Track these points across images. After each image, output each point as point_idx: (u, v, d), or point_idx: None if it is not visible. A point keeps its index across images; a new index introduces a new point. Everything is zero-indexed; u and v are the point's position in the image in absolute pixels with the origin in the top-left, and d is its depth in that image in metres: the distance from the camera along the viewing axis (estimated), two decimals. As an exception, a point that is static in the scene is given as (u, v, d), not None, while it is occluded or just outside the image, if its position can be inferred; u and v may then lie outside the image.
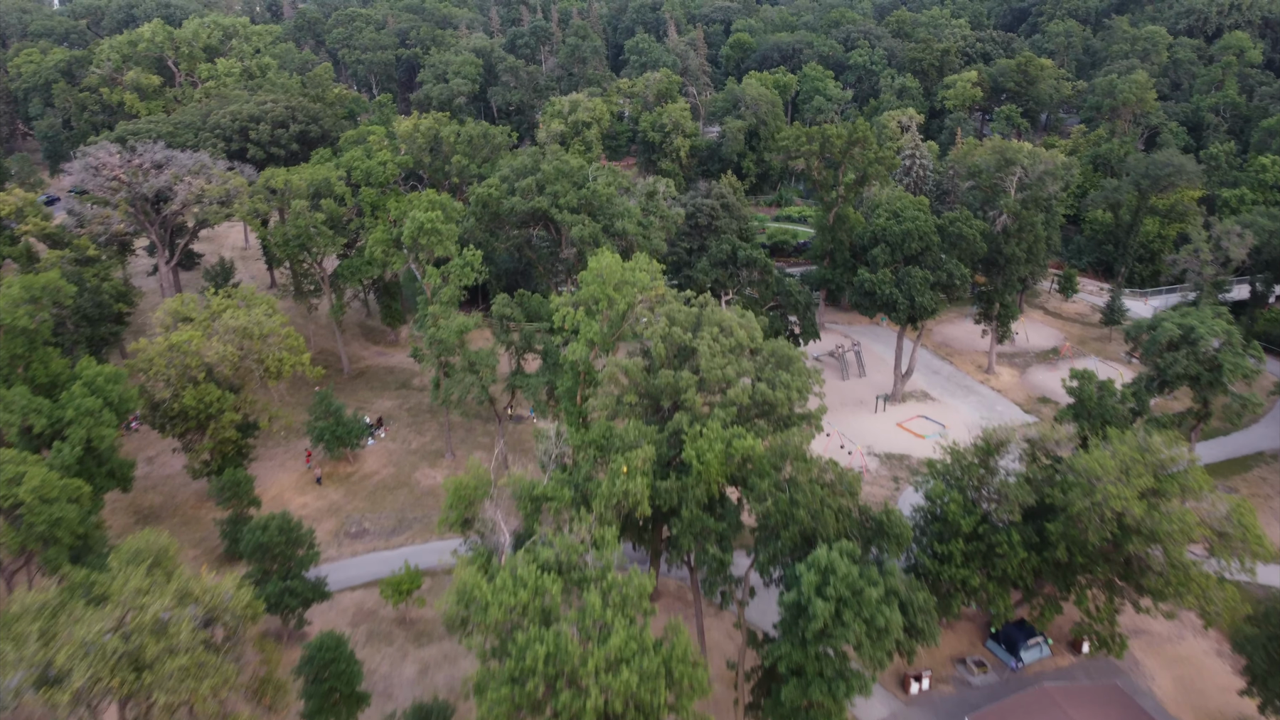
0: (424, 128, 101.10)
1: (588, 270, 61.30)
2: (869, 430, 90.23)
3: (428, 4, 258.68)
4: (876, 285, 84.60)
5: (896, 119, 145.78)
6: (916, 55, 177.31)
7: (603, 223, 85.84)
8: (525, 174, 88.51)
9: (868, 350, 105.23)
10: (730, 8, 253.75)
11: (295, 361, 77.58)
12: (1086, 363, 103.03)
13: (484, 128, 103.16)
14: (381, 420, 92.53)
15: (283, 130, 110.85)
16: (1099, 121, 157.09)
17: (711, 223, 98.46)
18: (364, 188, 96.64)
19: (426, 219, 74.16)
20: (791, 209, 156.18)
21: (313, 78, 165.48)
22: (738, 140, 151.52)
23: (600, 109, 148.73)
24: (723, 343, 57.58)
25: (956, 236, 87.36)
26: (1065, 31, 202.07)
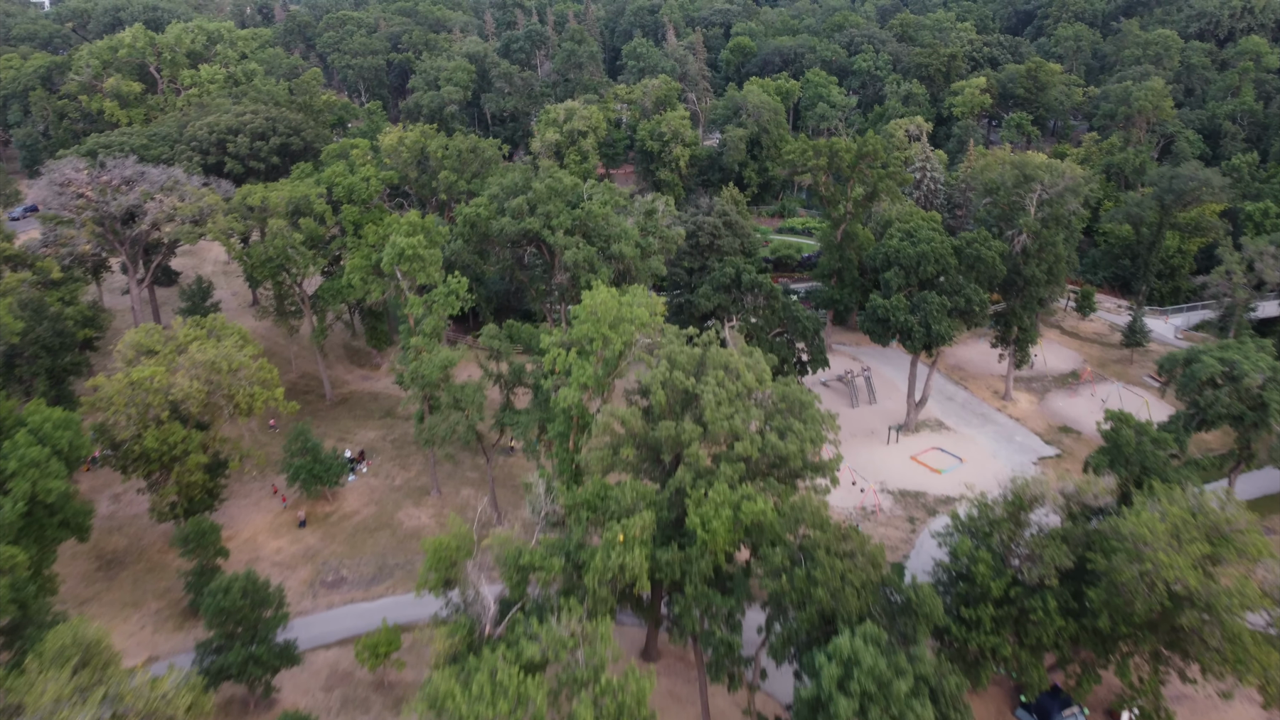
0: (409, 141, 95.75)
1: (581, 306, 56.01)
2: (881, 463, 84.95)
3: (421, 7, 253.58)
4: (890, 312, 79.33)
5: (904, 127, 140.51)
6: (922, 60, 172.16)
7: (598, 245, 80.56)
8: (516, 192, 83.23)
9: (878, 375, 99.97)
10: (730, 10, 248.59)
11: (268, 397, 72.17)
12: (1108, 388, 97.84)
13: (473, 141, 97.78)
14: (364, 454, 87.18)
15: (262, 143, 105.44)
16: (1112, 129, 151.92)
17: (713, 242, 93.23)
18: (346, 205, 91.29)
19: (407, 244, 68.81)
20: (795, 220, 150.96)
21: (300, 84, 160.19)
22: (739, 149, 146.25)
23: (597, 117, 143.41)
24: (729, 388, 52.29)
25: (974, 259, 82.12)
26: (1074, 35, 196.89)
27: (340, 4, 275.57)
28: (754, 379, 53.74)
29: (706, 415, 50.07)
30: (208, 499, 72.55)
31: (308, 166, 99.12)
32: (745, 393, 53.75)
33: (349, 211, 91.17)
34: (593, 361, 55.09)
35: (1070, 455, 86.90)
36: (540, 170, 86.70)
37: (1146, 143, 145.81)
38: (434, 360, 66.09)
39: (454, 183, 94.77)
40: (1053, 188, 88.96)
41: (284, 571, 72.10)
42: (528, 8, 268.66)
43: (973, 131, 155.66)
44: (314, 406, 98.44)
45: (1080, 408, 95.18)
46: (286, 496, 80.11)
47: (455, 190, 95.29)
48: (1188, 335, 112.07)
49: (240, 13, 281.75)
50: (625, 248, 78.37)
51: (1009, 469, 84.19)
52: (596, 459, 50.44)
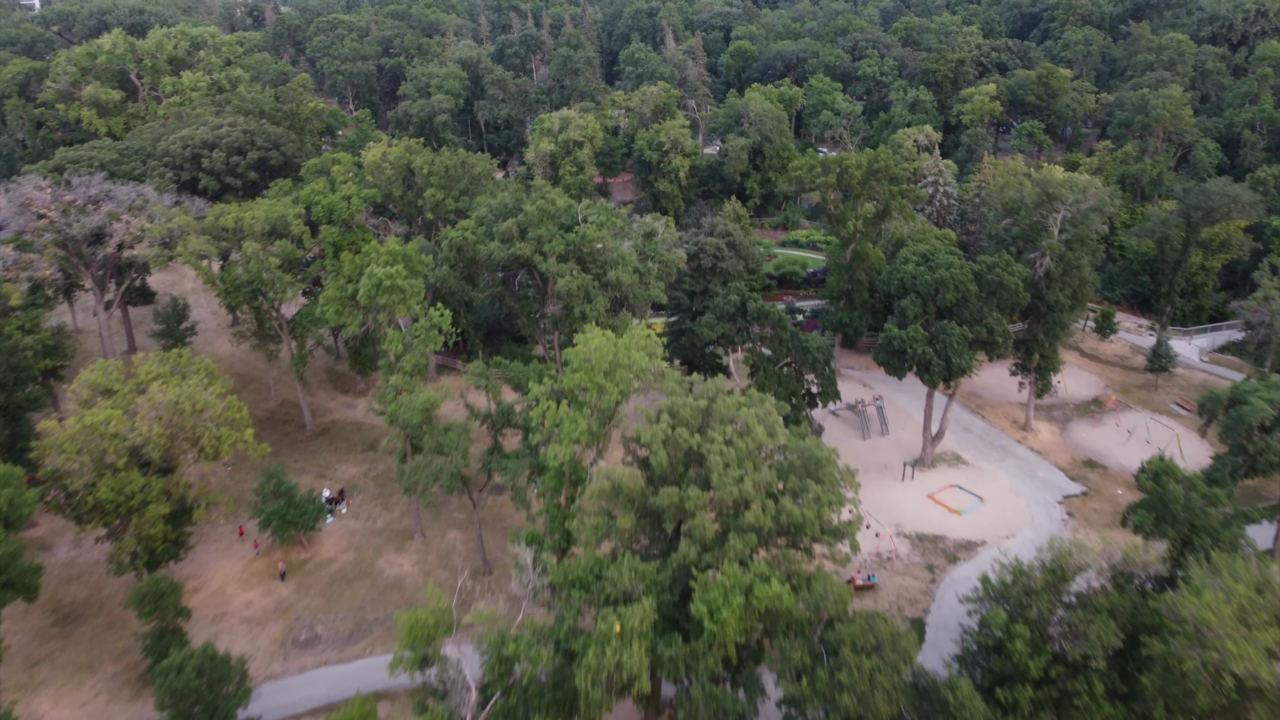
0: (393, 157, 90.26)
1: (574, 351, 50.57)
2: (896, 503, 79.53)
3: (414, 10, 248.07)
4: (907, 343, 73.91)
5: (913, 137, 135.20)
6: (930, 66, 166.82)
7: (594, 272, 75.12)
8: (505, 214, 77.77)
9: (890, 403, 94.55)
10: (730, 14, 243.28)
11: (236, 439, 66.65)
12: (1134, 418, 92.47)
13: (461, 157, 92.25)
14: (343, 493, 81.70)
15: (239, 158, 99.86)
16: (1127, 138, 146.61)
17: (716, 264, 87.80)
18: (325, 226, 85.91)
19: (385, 275, 63.34)
20: (799, 233, 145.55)
21: (286, 91, 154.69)
22: (741, 160, 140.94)
23: (593, 127, 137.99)
24: (738, 446, 46.87)
25: (996, 285, 76.71)
26: (1085, 39, 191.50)
27: (332, 6, 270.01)
28: (765, 433, 48.33)
29: (714, 479, 44.67)
30: (172, 549, 67.08)
31: (286, 184, 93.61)
32: (755, 449, 48.35)
33: (328, 233, 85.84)
34: (586, 414, 49.62)
35: (1097, 493, 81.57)
36: (532, 190, 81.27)
37: (1164, 153, 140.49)
38: (414, 402, 60.63)
39: (441, 201, 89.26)
40: (1076, 207, 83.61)
41: (253, 629, 66.61)
42: (523, 10, 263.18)
43: (982, 140, 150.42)
44: (293, 438, 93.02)
45: (1105, 439, 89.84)
46: (259, 542, 74.54)
47: (442, 209, 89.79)
48: (1213, 358, 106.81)
49: (230, 15, 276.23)
50: (622, 275, 72.95)
51: (1032, 509, 78.98)
52: (591, 528, 44.99)
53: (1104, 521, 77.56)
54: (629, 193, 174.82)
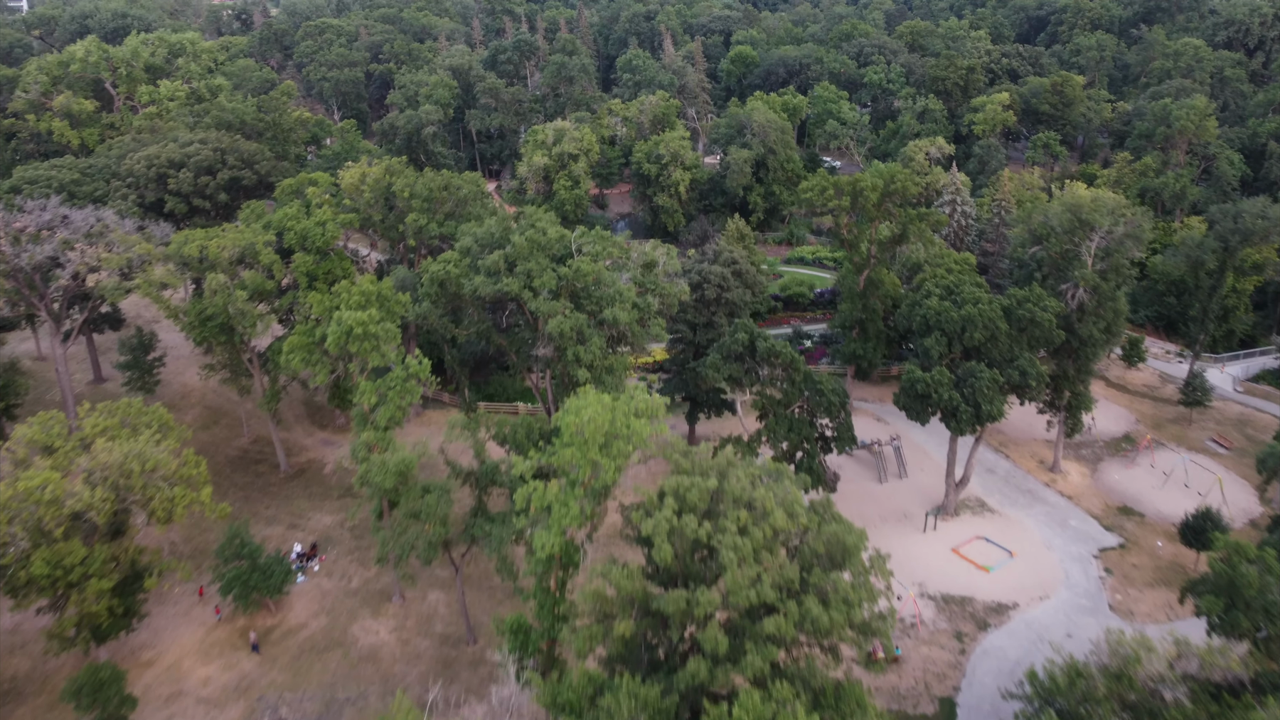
0: (372, 179, 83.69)
1: (564, 420, 44.06)
2: (918, 559, 73.06)
3: (405, 14, 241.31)
4: (932, 388, 67.43)
5: (924, 150, 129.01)
6: (939, 74, 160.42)
7: (589, 309, 68.59)
8: (492, 245, 71.22)
9: (908, 441, 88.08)
10: (730, 18, 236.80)
11: (192, 500, 60.07)
12: (1170, 458, 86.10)
13: (446, 178, 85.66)
14: (316, 547, 75.09)
15: (209, 178, 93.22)
16: (1147, 150, 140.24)
17: (721, 295, 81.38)
18: (299, 254, 79.38)
19: (356, 321, 56.81)
20: (805, 249, 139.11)
21: (268, 101, 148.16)
22: (744, 173, 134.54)
23: (589, 139, 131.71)
24: (754, 536, 40.39)
25: (1028, 322, 70.29)
26: (1097, 45, 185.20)
27: (321, 10, 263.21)
28: (784, 517, 41.83)
29: (727, 580, 38.22)
30: (121, 620, 60.51)
31: (259, 206, 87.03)
32: (774, 535, 41.88)
33: (302, 261, 79.27)
34: (578, 494, 43.10)
35: (1135, 544, 75.17)
36: (521, 216, 74.70)
37: (1188, 166, 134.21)
38: (388, 465, 54.08)
39: (423, 226, 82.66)
40: (1111, 234, 77.25)
41: (210, 712, 60.01)
42: (517, 14, 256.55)
43: (996, 152, 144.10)
44: (265, 479, 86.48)
45: (1139, 481, 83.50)
46: (220, 607, 67.90)
47: (425, 235, 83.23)
48: (1248, 388, 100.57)
49: (216, 19, 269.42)
50: (620, 313, 66.43)
51: (1066, 564, 72.59)
52: (584, 638, 38.48)
53: (1145, 579, 71.21)
54: (626, 204, 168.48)
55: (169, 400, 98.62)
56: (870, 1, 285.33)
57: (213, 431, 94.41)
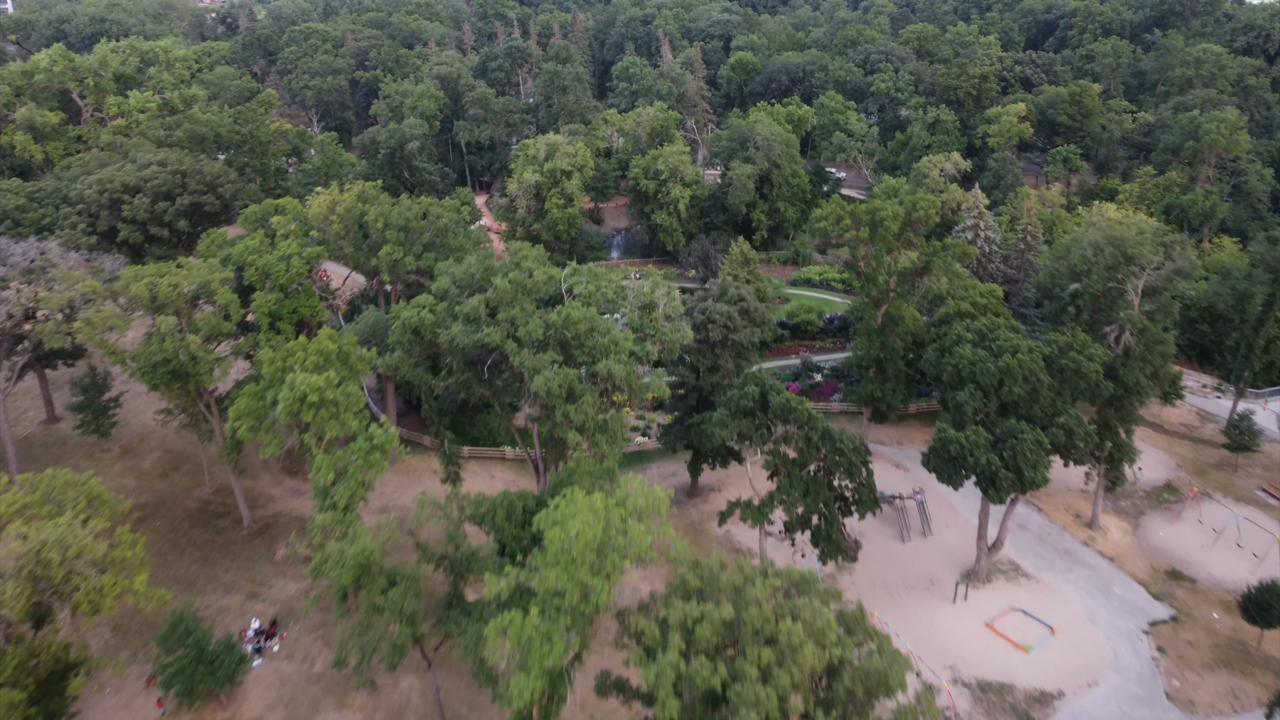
0: (343, 209, 75.96)
1: (549, 533, 36.46)
2: (949, 635, 65.49)
3: (394, 18, 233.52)
4: (967, 450, 59.86)
5: (939, 166, 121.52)
6: (950, 82, 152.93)
7: (581, 359, 60.98)
8: (472, 287, 63.56)
9: (933, 494, 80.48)
10: (729, 22, 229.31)
11: (124, 588, 52.37)
12: (1218, 511, 78.67)
13: (424, 206, 77.95)
14: (276, 623, 67.29)
15: (167, 204, 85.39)
16: (1172, 164, 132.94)
17: (727, 336, 73.74)
18: (260, 292, 71.72)
19: (311, 387, 49.13)
20: (812, 269, 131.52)
21: (245, 112, 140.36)
22: (746, 189, 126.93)
23: (583, 155, 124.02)
24: (779, 681, 32.81)
25: (1072, 373, 62.77)
26: (1113, 52, 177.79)
27: (307, 15, 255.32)
28: (815, 652, 34.24)
29: (747, 748, 30.54)
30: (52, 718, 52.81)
31: (219, 235, 79.36)
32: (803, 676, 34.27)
33: (263, 301, 71.58)
34: (563, 623, 35.44)
35: (1189, 617, 67.66)
36: (507, 254, 66.96)
37: (1217, 181, 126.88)
38: (345, 558, 46.39)
39: (399, 260, 74.95)
40: (1159, 270, 69.81)
41: (145, 834, 52.31)
42: (509, 18, 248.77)
43: (1012, 166, 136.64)
44: (227, 536, 78.68)
45: (1187, 539, 76.04)
46: (164, 701, 60.09)
47: (401, 269, 75.55)
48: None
49: (200, 24, 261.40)
50: (615, 367, 58.82)
51: (1114, 641, 65.08)
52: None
53: (1203, 660, 63.72)
54: (623, 218, 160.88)
55: (126, 442, 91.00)
56: (872, 5, 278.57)
57: (172, 480, 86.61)
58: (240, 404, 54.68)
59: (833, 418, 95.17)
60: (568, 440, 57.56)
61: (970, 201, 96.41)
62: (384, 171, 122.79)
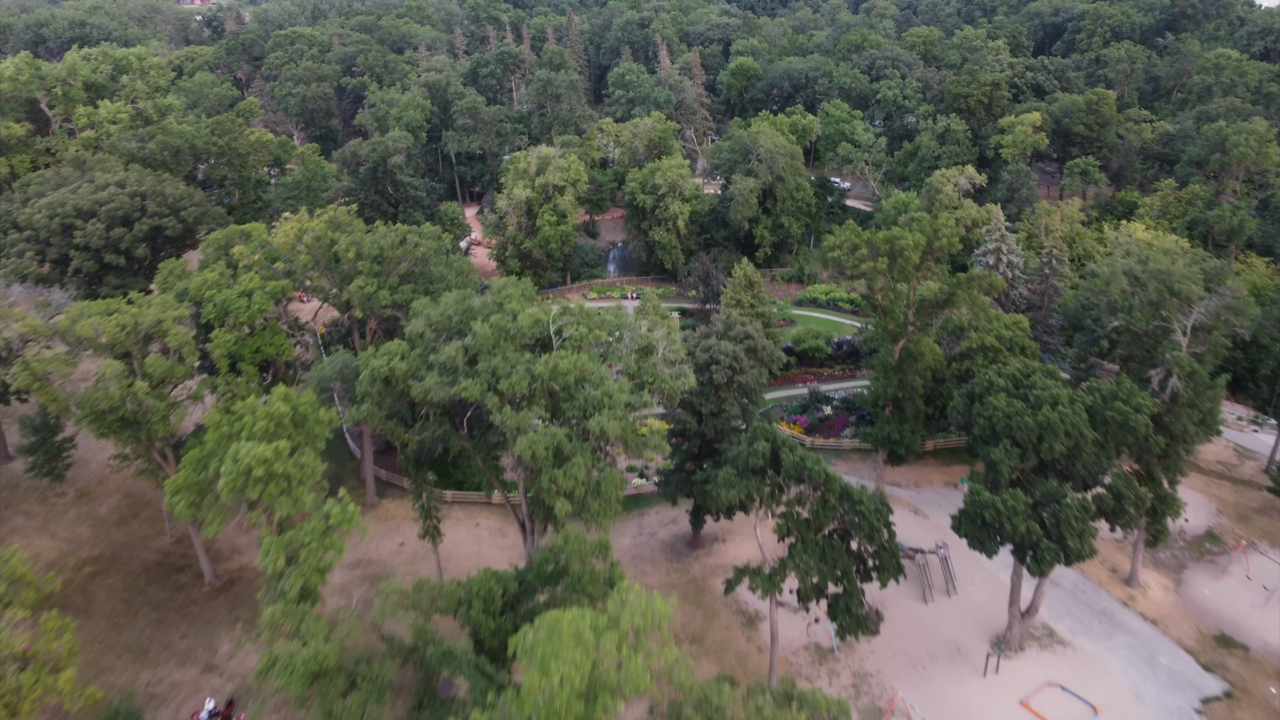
0: (311, 237, 69.33)
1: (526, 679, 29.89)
2: (980, 714, 58.96)
3: (384, 22, 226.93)
4: (1004, 517, 53.35)
5: (953, 180, 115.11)
6: (960, 90, 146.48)
7: (570, 413, 54.45)
8: (449, 331, 56.97)
9: (955, 546, 73.89)
10: (729, 25, 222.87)
11: (48, 686, 45.74)
12: (1264, 564, 72.22)
13: (400, 233, 71.28)
14: (233, 704, 60.61)
15: (124, 230, 78.72)
16: (1195, 176, 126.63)
17: (733, 378, 67.18)
18: (218, 332, 65.17)
19: (258, 460, 42.53)
20: (817, 288, 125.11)
21: (223, 122, 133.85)
22: (749, 205, 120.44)
23: (576, 169, 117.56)
24: None
25: (1119, 425, 56.33)
26: (1128, 56, 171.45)
27: (295, 18, 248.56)
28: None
29: None
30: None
31: (178, 266, 72.84)
32: None
33: (221, 341, 64.99)
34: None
35: (1244, 692, 61.20)
36: (488, 292, 60.29)
37: (1245, 196, 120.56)
38: (296, 663, 39.79)
39: (373, 295, 68.32)
40: (1209, 306, 63.36)
41: None
42: (502, 22, 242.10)
43: (1027, 179, 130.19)
44: (186, 595, 72.07)
45: (1236, 598, 69.57)
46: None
47: (375, 304, 68.92)
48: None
49: (185, 27, 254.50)
50: (608, 423, 52.27)
51: (1164, 722, 58.50)
52: None
53: (1264, 745, 57.29)
54: (619, 231, 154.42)
55: (83, 485, 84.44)
56: (874, 7, 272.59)
57: (130, 528, 79.93)
58: (179, 477, 47.86)
59: (844, 455, 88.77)
60: (556, 509, 50.99)
61: (991, 222, 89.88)
62: (366, 187, 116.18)
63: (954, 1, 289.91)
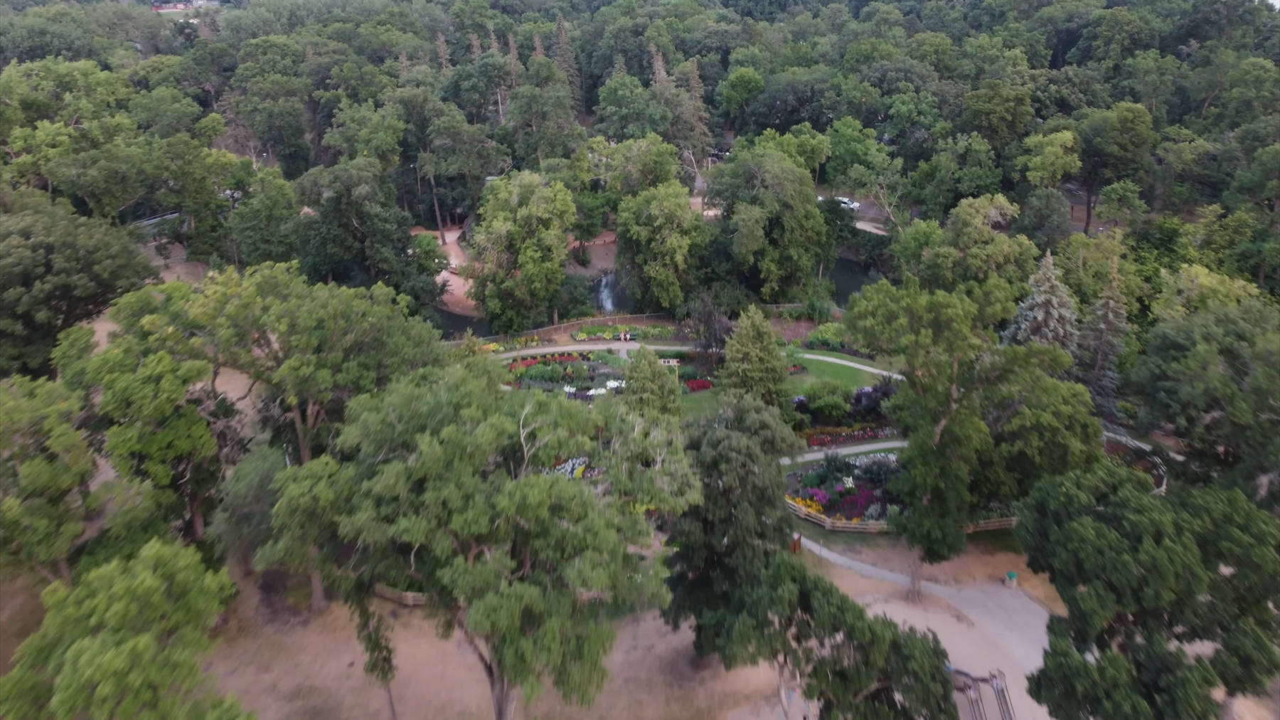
0: (235, 306, 57.16)
1: None
2: None
3: (363, 29, 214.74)
4: (1102, 689, 41.42)
5: (982, 211, 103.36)
6: (981, 106, 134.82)
7: (545, 555, 42.46)
8: (392, 444, 44.95)
9: (1012, 669, 61.95)
10: (727, 33, 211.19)
11: None
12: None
13: (345, 299, 59.12)
14: None
15: (21, 290, 66.47)
16: (1245, 203, 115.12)
17: (745, 478, 55.27)
18: (116, 429, 53.20)
19: (105, 671, 30.44)
20: (829, 328, 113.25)
21: (177, 144, 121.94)
22: (755, 238, 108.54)
23: (563, 199, 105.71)
24: None
25: (1240, 561, 44.51)
26: (1158, 68, 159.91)
27: (270, 25, 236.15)
28: None
29: None
30: None
31: (81, 337, 60.80)
32: None
33: (120, 441, 53.03)
34: None
35: None
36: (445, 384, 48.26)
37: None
38: None
39: (309, 377, 56.22)
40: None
41: None
42: (487, 29, 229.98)
43: (1058, 205, 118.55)
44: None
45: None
46: None
47: (312, 389, 56.81)
48: None
49: (154, 35, 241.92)
50: (593, 571, 40.31)
51: None
52: None
53: None
54: (609, 258, 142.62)
55: (-16, 583, 72.12)
56: (876, 12, 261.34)
57: (32, 641, 67.64)
58: (7, 681, 35.66)
59: (869, 540, 76.85)
60: (524, 690, 39.09)
61: (1039, 271, 77.97)
62: (329, 220, 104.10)
63: (959, 6, 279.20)
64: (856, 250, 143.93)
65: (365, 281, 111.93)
